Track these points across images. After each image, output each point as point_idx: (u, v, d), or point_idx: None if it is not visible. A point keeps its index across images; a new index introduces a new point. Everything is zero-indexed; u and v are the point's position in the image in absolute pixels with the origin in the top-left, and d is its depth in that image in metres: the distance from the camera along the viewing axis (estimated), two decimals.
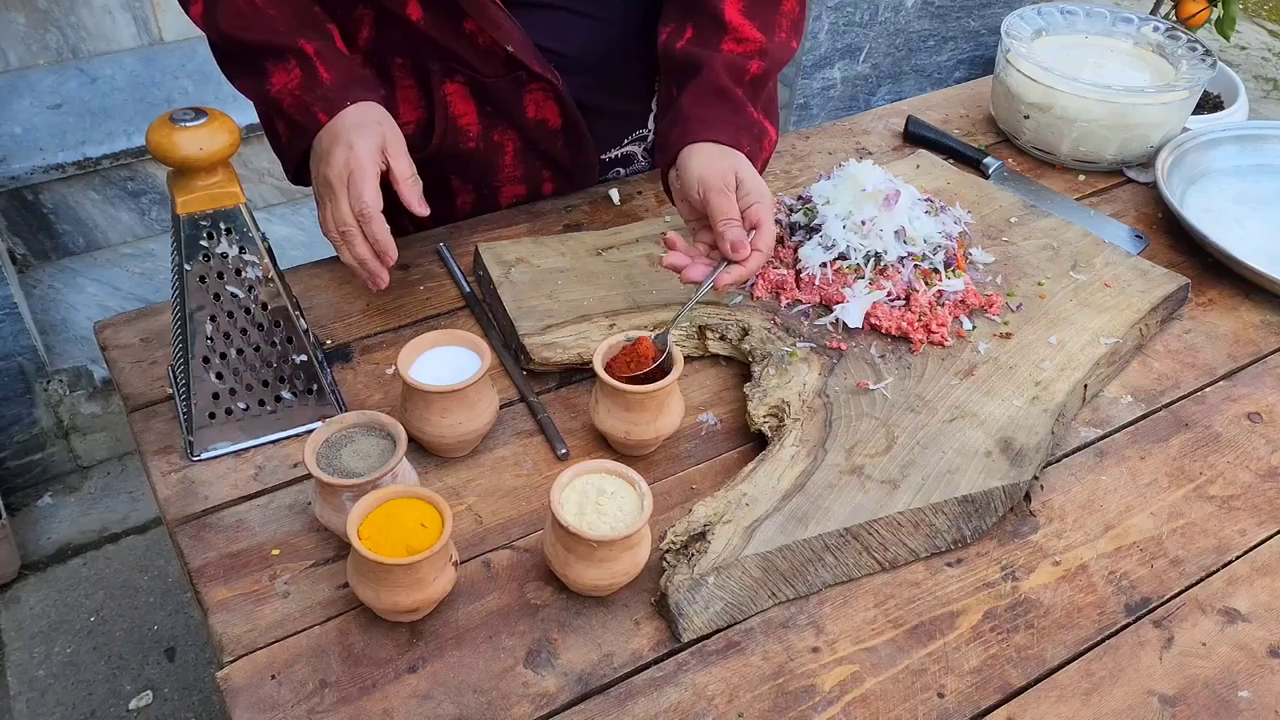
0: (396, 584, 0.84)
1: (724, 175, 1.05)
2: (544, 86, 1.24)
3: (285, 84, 1.11)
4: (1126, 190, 1.48)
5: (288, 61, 1.11)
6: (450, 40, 1.20)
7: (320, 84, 1.10)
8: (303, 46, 1.11)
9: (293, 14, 1.13)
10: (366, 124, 1.08)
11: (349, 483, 0.89)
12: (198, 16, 1.15)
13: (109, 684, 1.93)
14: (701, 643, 0.89)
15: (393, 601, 0.84)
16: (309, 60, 1.11)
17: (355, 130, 1.07)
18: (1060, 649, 0.90)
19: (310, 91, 1.10)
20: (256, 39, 1.11)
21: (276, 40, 1.11)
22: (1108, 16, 1.59)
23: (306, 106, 1.10)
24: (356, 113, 1.09)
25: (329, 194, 1.06)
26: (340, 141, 1.06)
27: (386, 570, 0.83)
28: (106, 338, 1.16)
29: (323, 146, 1.08)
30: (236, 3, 1.12)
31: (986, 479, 0.99)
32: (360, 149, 1.05)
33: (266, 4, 1.13)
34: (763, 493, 0.96)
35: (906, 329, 1.13)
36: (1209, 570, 0.98)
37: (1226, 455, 1.09)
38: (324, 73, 1.11)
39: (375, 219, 1.04)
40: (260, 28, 1.11)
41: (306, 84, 1.10)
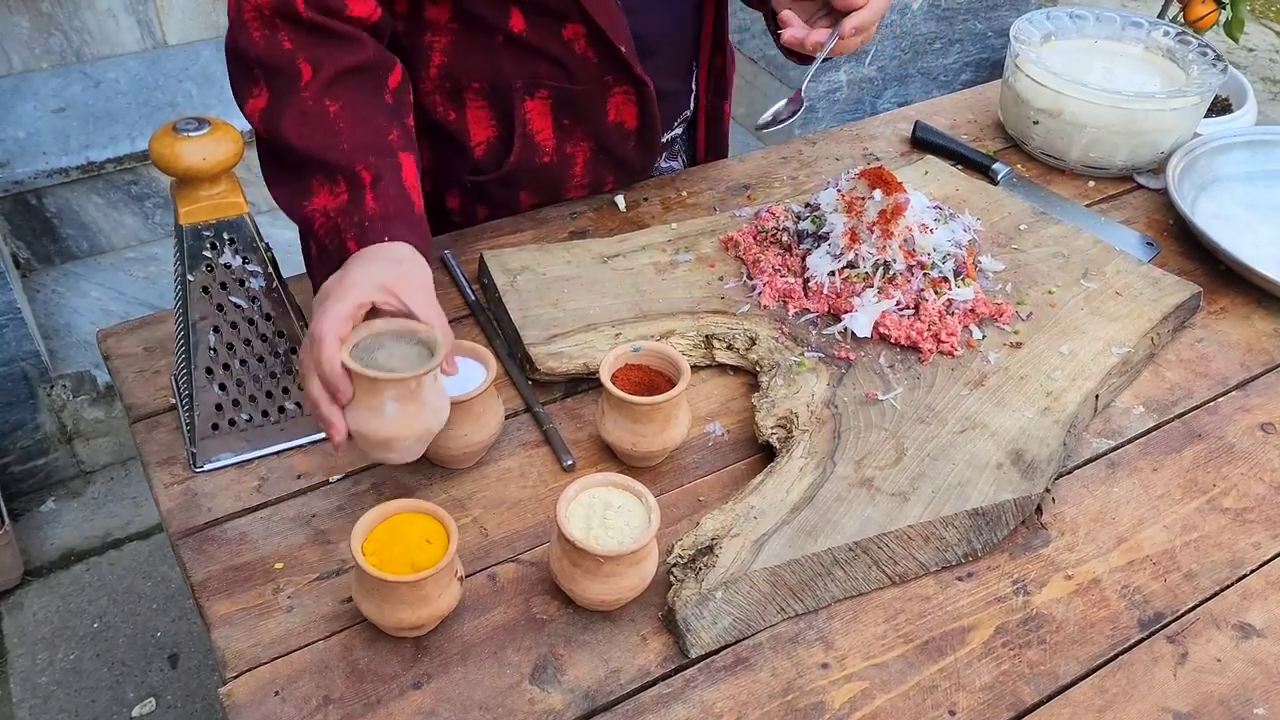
0: (401, 600, 0.83)
1: None
2: (626, 90, 1.25)
3: (325, 205, 0.99)
4: (1137, 196, 1.46)
5: (337, 184, 0.99)
6: (550, 48, 1.19)
7: (362, 211, 0.98)
8: (359, 171, 0.99)
9: (366, 134, 1.02)
10: (386, 258, 0.93)
11: (392, 376, 0.83)
12: (256, 112, 1.03)
13: (112, 691, 1.92)
14: (709, 658, 0.88)
15: (397, 618, 0.83)
16: (361, 186, 0.98)
17: (363, 261, 0.93)
18: (1073, 665, 0.89)
19: (347, 216, 0.98)
20: (314, 151, 0.99)
21: (333, 157, 0.99)
22: (1117, 20, 1.58)
23: (338, 231, 0.98)
24: (382, 248, 0.95)
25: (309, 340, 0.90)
26: (341, 272, 0.92)
27: (391, 587, 0.82)
28: (109, 346, 1.15)
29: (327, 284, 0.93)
30: (305, 105, 1.01)
31: (998, 491, 0.97)
32: (354, 274, 0.91)
33: (339, 114, 1.01)
34: (771, 505, 0.95)
35: (916, 338, 1.12)
36: (1223, 584, 0.97)
37: (1240, 467, 1.08)
38: (371, 201, 0.98)
39: (325, 342, 0.85)
40: (323, 140, 1.00)
41: (347, 209, 0.98)
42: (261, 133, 1.03)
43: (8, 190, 2.26)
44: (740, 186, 1.42)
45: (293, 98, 1.01)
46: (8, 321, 2.04)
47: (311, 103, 1.01)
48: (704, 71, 1.38)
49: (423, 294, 0.92)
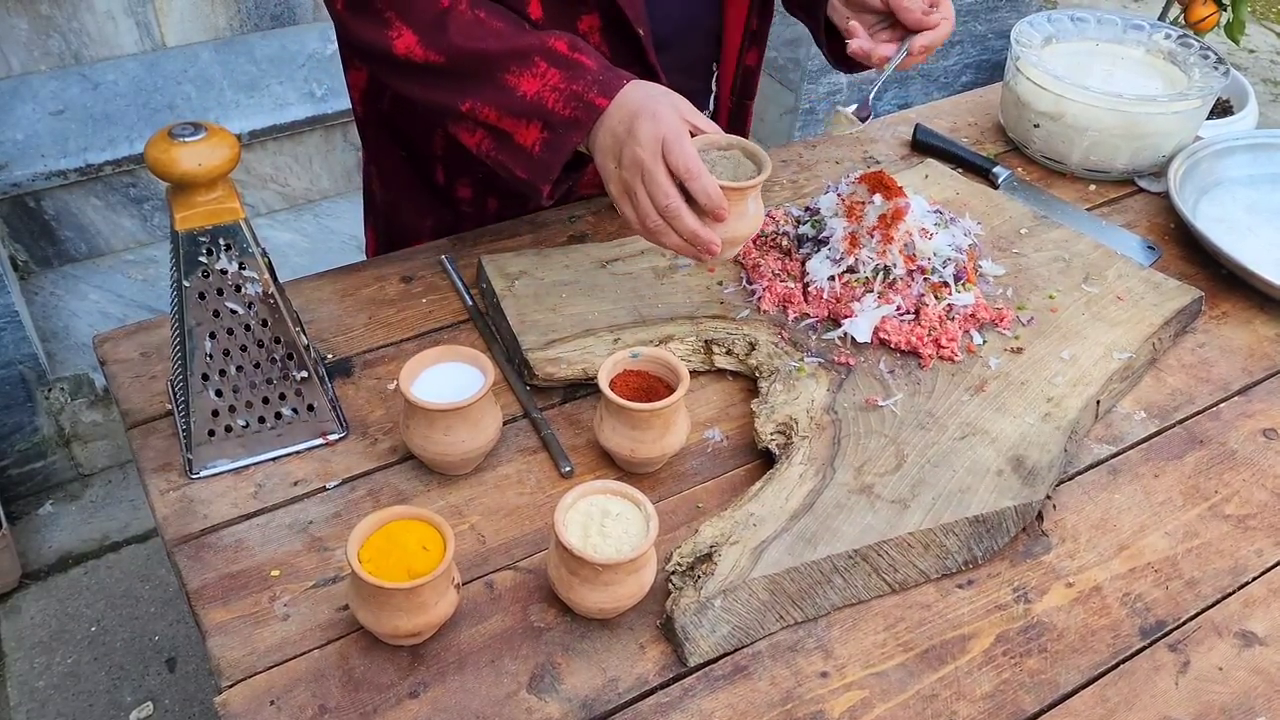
0: (397, 608, 0.82)
1: None
2: None
3: (544, 84, 1.03)
4: (1138, 200, 1.46)
5: (535, 65, 1.03)
6: None
7: (588, 71, 1.02)
8: (553, 45, 1.04)
9: (519, 23, 1.08)
10: (657, 94, 1.00)
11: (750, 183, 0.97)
12: (409, 47, 1.06)
13: (109, 695, 1.92)
14: (708, 667, 0.87)
15: (393, 626, 0.83)
16: (563, 56, 1.03)
17: (651, 101, 0.99)
18: (1074, 674, 0.89)
19: (578, 80, 1.02)
20: (500, 46, 1.04)
21: (522, 43, 1.04)
22: (1119, 23, 1.57)
23: (579, 96, 1.01)
24: (635, 86, 1.01)
25: (639, 174, 0.97)
26: (641, 114, 0.98)
27: (387, 594, 0.81)
28: (106, 351, 1.14)
29: (618, 131, 0.99)
30: (465, 17, 1.05)
31: (998, 498, 0.97)
32: (665, 114, 0.97)
33: (489, 17, 1.06)
34: (770, 512, 0.95)
35: (916, 344, 1.11)
36: (1225, 592, 0.96)
37: (1242, 473, 1.07)
38: (588, 61, 1.03)
39: (702, 174, 0.95)
40: (498, 37, 1.05)
41: (571, 75, 1.02)
42: (433, 60, 1.05)
43: (6, 193, 2.26)
44: None
45: (449, 15, 1.05)
46: (6, 324, 2.04)
47: (469, 13, 1.05)
48: (730, 70, 1.37)
49: (696, 111, 1.01)
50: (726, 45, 1.36)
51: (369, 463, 1.02)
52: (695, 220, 0.97)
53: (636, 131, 0.97)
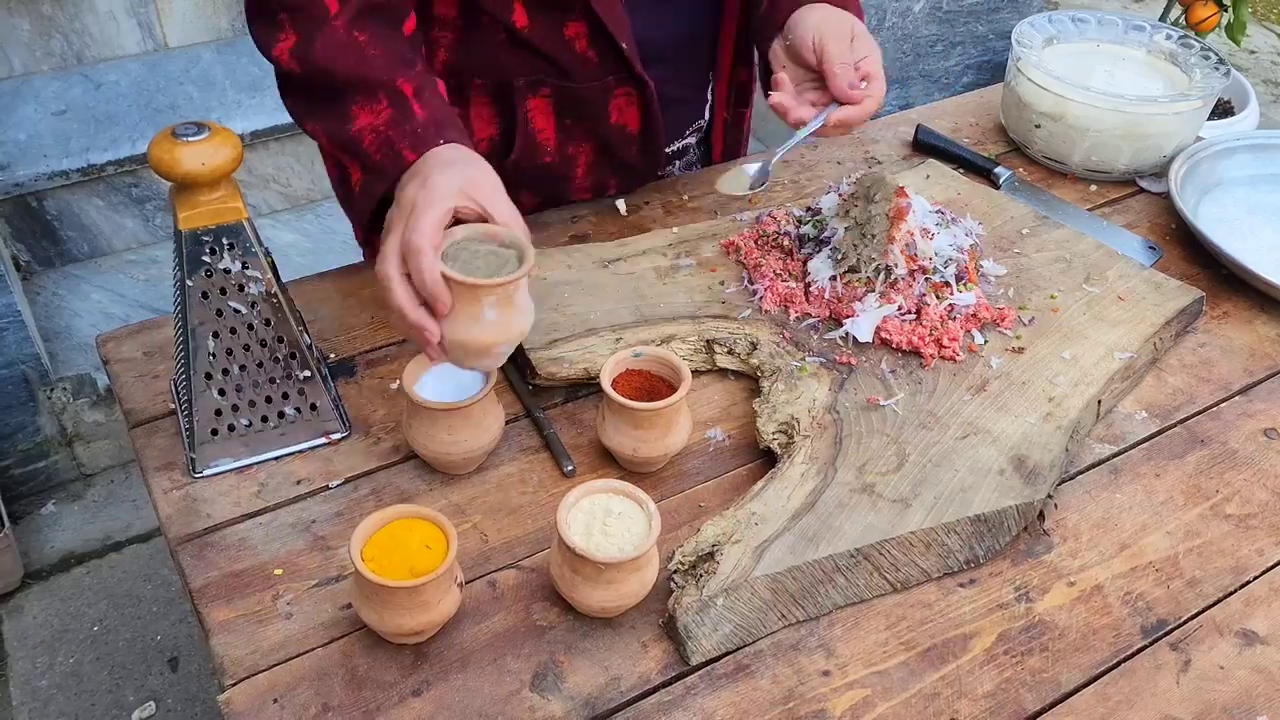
0: (400, 606, 0.82)
1: (840, 26, 1.12)
2: (628, 92, 1.25)
3: (371, 121, 1.00)
4: (1139, 200, 1.46)
5: (378, 101, 1.00)
6: (550, 46, 1.19)
7: (411, 119, 0.99)
8: (400, 85, 1.01)
9: (394, 54, 1.04)
10: (456, 161, 0.95)
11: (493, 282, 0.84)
12: (285, 50, 1.03)
13: (112, 694, 1.92)
14: (710, 666, 0.87)
15: (396, 624, 0.83)
16: (404, 98, 1.00)
17: (439, 167, 0.94)
18: (1075, 672, 0.89)
19: (397, 128, 0.98)
20: (352, 73, 1.01)
21: (373, 75, 1.01)
22: (1120, 24, 1.58)
23: (391, 144, 0.98)
24: (445, 151, 0.97)
25: (386, 234, 0.91)
26: (417, 177, 0.93)
27: (390, 593, 0.81)
28: (109, 351, 1.15)
29: (401, 186, 0.96)
30: (337, 34, 1.02)
31: (1000, 498, 0.97)
32: (436, 182, 0.91)
33: (369, 42, 1.03)
34: (772, 512, 0.95)
35: (917, 343, 1.12)
36: (1226, 591, 0.96)
37: (1243, 472, 1.07)
38: (418, 110, 1.00)
39: (424, 253, 0.86)
40: (358, 62, 1.02)
41: (395, 120, 0.99)
42: (294, 70, 1.03)
43: (8, 193, 2.26)
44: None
45: (323, 28, 1.02)
46: (8, 324, 2.04)
47: (343, 32, 1.02)
48: (724, 84, 1.38)
49: (498, 194, 0.94)
50: (720, 61, 1.36)
51: (372, 462, 1.03)
52: (409, 302, 0.88)
53: (405, 191, 0.93)
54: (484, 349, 0.88)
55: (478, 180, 0.93)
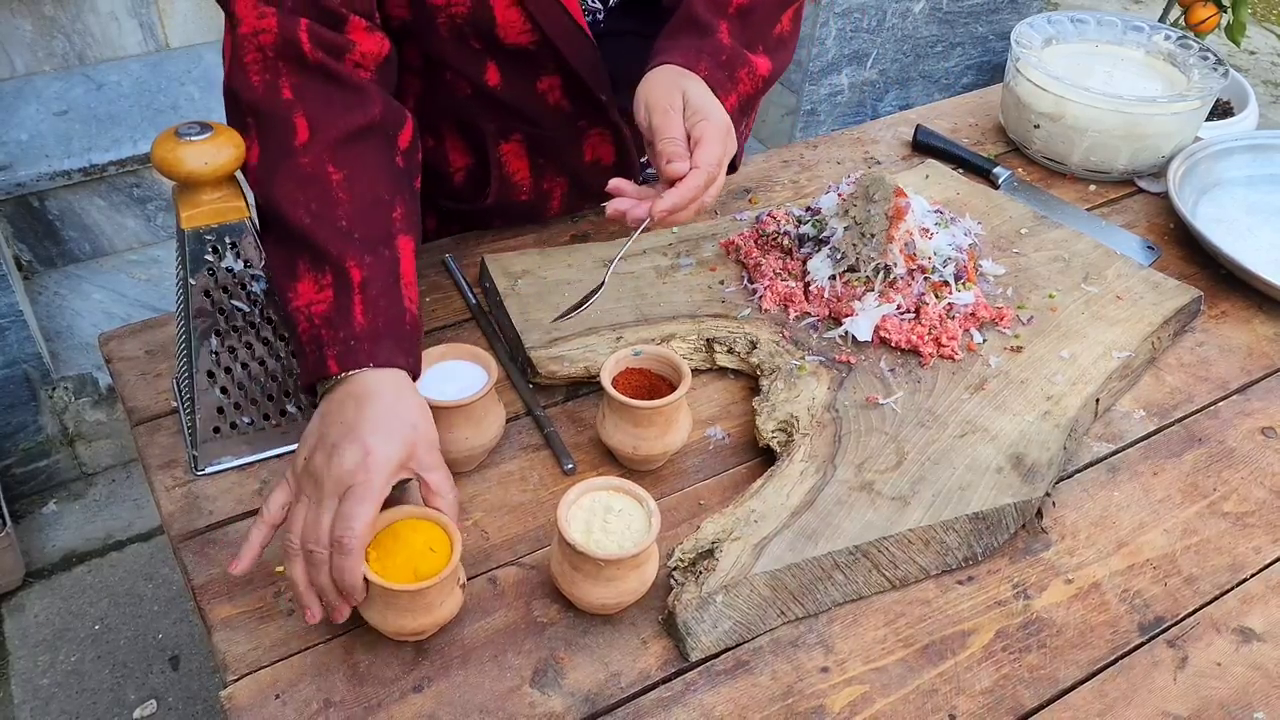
0: (404, 608, 0.83)
1: (669, 95, 1.00)
2: (601, 132, 1.24)
3: (309, 301, 0.90)
4: (1138, 200, 1.47)
5: (324, 275, 0.90)
6: (522, 101, 1.16)
7: (348, 325, 0.88)
8: (349, 269, 0.90)
9: (366, 211, 0.93)
10: (395, 423, 0.85)
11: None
12: (251, 167, 0.95)
13: (113, 693, 1.93)
14: (710, 662, 0.88)
15: (399, 625, 0.83)
16: (349, 289, 0.89)
17: (381, 430, 0.84)
18: (1073, 669, 0.89)
19: (330, 328, 0.88)
20: (305, 228, 0.90)
21: (324, 241, 0.90)
22: (1119, 25, 1.58)
23: (319, 344, 0.89)
24: (384, 398, 0.86)
25: (313, 493, 0.83)
26: (356, 439, 0.83)
27: (393, 595, 0.82)
28: (111, 349, 1.15)
29: (327, 425, 0.85)
30: (301, 170, 0.92)
31: (998, 495, 0.97)
32: (377, 458, 0.82)
33: (342, 184, 0.93)
34: (771, 509, 0.95)
35: (916, 342, 1.12)
36: (1223, 589, 0.97)
37: (1240, 471, 1.08)
38: (359, 313, 0.89)
39: (356, 554, 0.80)
40: (318, 213, 0.91)
41: (330, 317, 0.89)
42: (257, 195, 0.95)
43: (10, 193, 2.27)
44: (741, 190, 1.42)
45: (287, 160, 0.93)
46: (10, 324, 2.04)
47: (309, 168, 0.92)
48: None
49: (432, 455, 0.87)
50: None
51: None
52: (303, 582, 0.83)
53: (338, 452, 0.82)
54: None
55: (416, 450, 0.86)
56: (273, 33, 0.94)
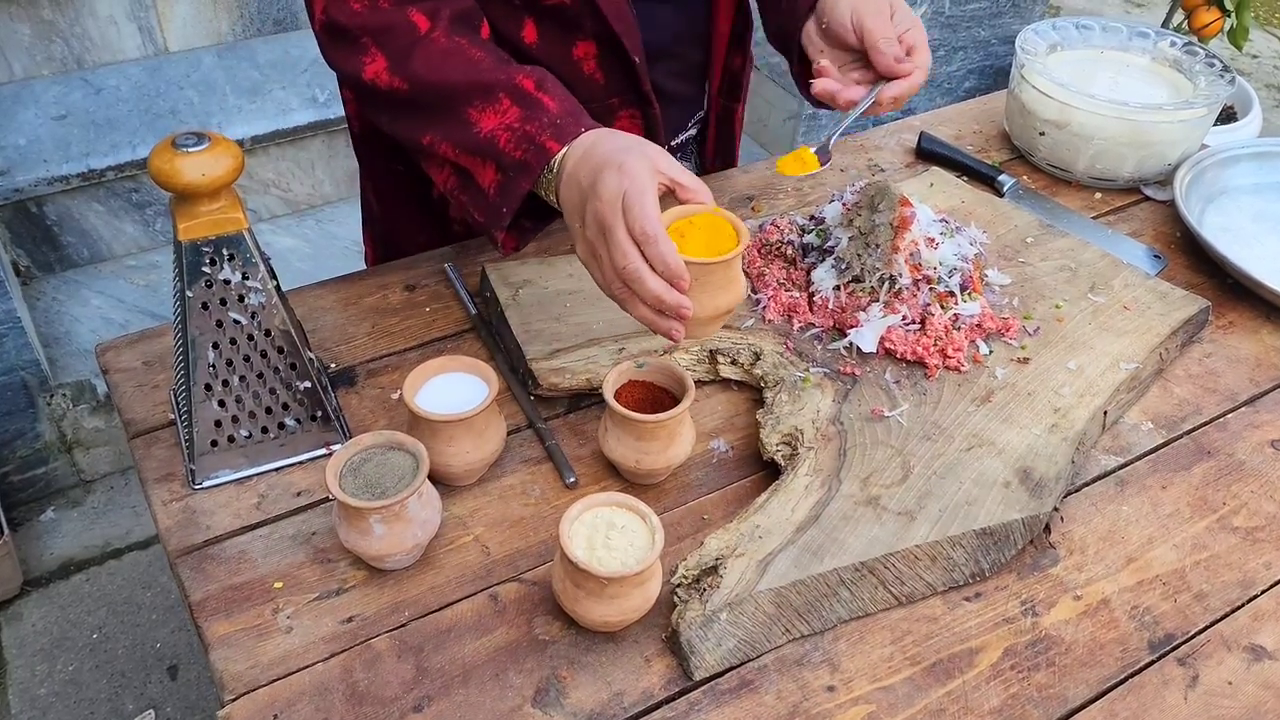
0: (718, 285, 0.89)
1: (878, 3, 1.11)
2: (632, 114, 1.25)
3: (500, 122, 0.98)
4: (1144, 208, 1.45)
5: (498, 101, 0.99)
6: (558, 66, 1.17)
7: (546, 112, 0.97)
8: (519, 82, 0.99)
9: (496, 55, 1.03)
10: (628, 145, 0.92)
11: (375, 505, 0.87)
12: (380, 70, 1.03)
13: (111, 703, 1.91)
14: (714, 681, 0.87)
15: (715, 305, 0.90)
16: (527, 94, 0.99)
17: (620, 153, 0.90)
18: (1082, 688, 0.88)
19: (533, 121, 0.97)
20: (464, 79, 1.00)
21: (487, 77, 0.99)
22: (1124, 31, 1.57)
23: (530, 138, 0.96)
24: (606, 138, 0.94)
25: (601, 231, 0.89)
26: (607, 166, 0.89)
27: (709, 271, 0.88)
28: (108, 360, 1.14)
29: (583, 184, 0.92)
30: (439, 44, 1.02)
31: (1005, 510, 0.96)
32: (633, 167, 0.88)
33: (471, 45, 1.02)
34: (776, 524, 0.94)
35: (922, 354, 1.11)
36: (1234, 605, 0.95)
37: (1250, 485, 1.06)
38: (549, 102, 0.98)
39: (660, 239, 0.86)
40: (467, 67, 1.01)
41: (528, 115, 0.97)
42: (397, 88, 1.02)
43: (8, 198, 2.26)
44: (744, 198, 1.41)
45: (420, 45, 1.01)
46: (8, 330, 2.03)
47: (445, 41, 1.01)
48: (718, 72, 1.37)
49: (673, 161, 0.92)
50: (715, 49, 1.36)
51: None
52: (660, 284, 0.88)
53: (599, 186, 0.89)
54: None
55: (658, 158, 0.91)
56: None
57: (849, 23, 1.11)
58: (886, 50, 1.09)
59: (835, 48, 1.15)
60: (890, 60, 1.09)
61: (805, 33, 1.18)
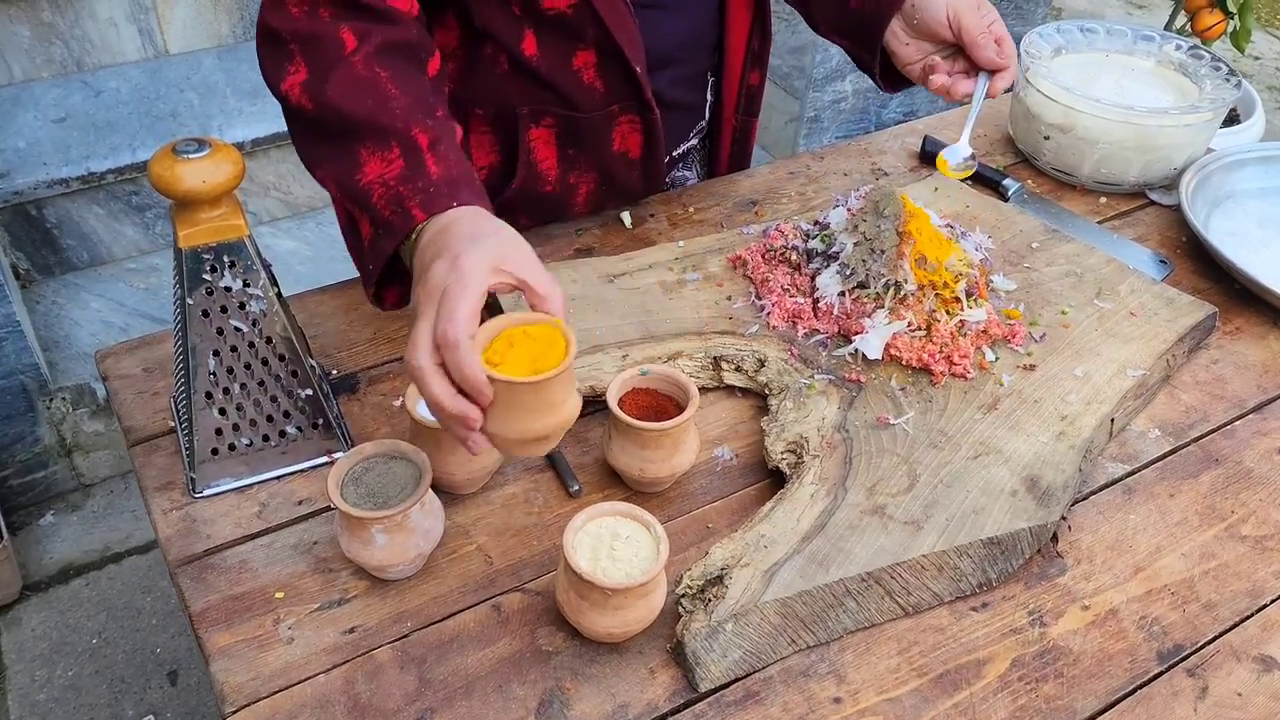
0: (528, 407, 0.78)
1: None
2: (631, 119, 1.25)
3: (381, 174, 0.92)
4: (1149, 213, 1.45)
5: (390, 149, 0.93)
6: (557, 76, 1.18)
7: (425, 175, 0.91)
8: (415, 135, 0.93)
9: (415, 98, 0.97)
10: (481, 236, 0.85)
11: (378, 515, 0.86)
12: (296, 86, 0.97)
13: (110, 708, 1.90)
14: (719, 692, 0.86)
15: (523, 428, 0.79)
16: (417, 151, 0.93)
17: (466, 241, 0.84)
18: (1091, 699, 0.87)
19: (409, 183, 0.91)
20: (364, 115, 0.94)
21: (385, 120, 0.94)
22: (1129, 34, 1.56)
23: (400, 200, 0.90)
24: (467, 220, 0.88)
25: (417, 319, 0.83)
26: (445, 254, 0.83)
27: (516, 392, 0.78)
28: (108, 367, 1.13)
29: (422, 261, 0.86)
30: (355, 70, 0.96)
31: (1013, 519, 0.95)
32: (466, 262, 0.81)
33: (390, 80, 0.96)
34: (781, 534, 0.93)
35: (927, 360, 1.10)
36: (1243, 615, 0.95)
37: (1259, 492, 1.06)
38: (432, 166, 0.92)
39: (460, 345, 0.78)
40: (374, 103, 0.95)
41: (407, 174, 0.92)
42: (304, 106, 0.97)
43: (8, 201, 2.25)
44: (748, 202, 1.40)
45: (339, 65, 0.96)
46: (7, 334, 2.02)
47: (361, 68, 0.96)
48: (735, 89, 1.36)
49: (530, 262, 0.85)
50: (729, 66, 1.35)
51: None
52: (443, 389, 0.79)
53: (428, 273, 0.83)
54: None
55: (508, 254, 0.84)
56: None
57: (945, 18, 1.16)
58: (986, 45, 1.16)
59: (924, 40, 1.19)
60: (992, 55, 1.16)
61: (891, 29, 1.21)
